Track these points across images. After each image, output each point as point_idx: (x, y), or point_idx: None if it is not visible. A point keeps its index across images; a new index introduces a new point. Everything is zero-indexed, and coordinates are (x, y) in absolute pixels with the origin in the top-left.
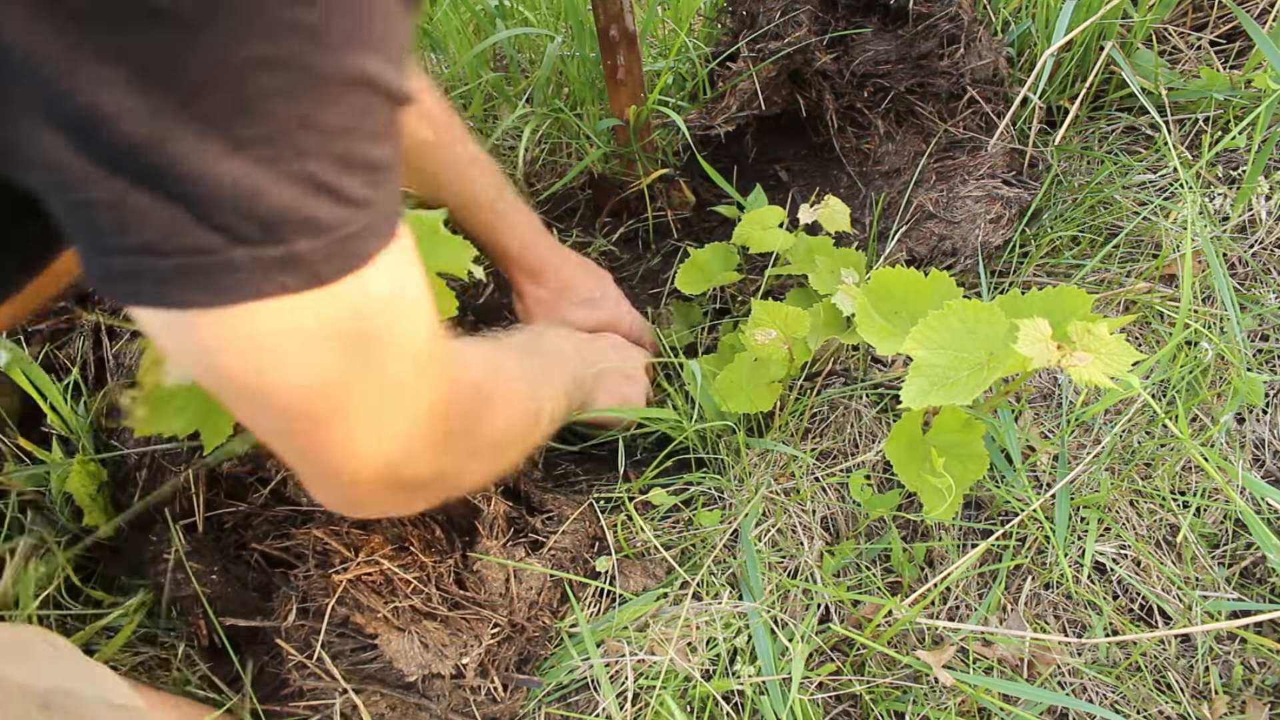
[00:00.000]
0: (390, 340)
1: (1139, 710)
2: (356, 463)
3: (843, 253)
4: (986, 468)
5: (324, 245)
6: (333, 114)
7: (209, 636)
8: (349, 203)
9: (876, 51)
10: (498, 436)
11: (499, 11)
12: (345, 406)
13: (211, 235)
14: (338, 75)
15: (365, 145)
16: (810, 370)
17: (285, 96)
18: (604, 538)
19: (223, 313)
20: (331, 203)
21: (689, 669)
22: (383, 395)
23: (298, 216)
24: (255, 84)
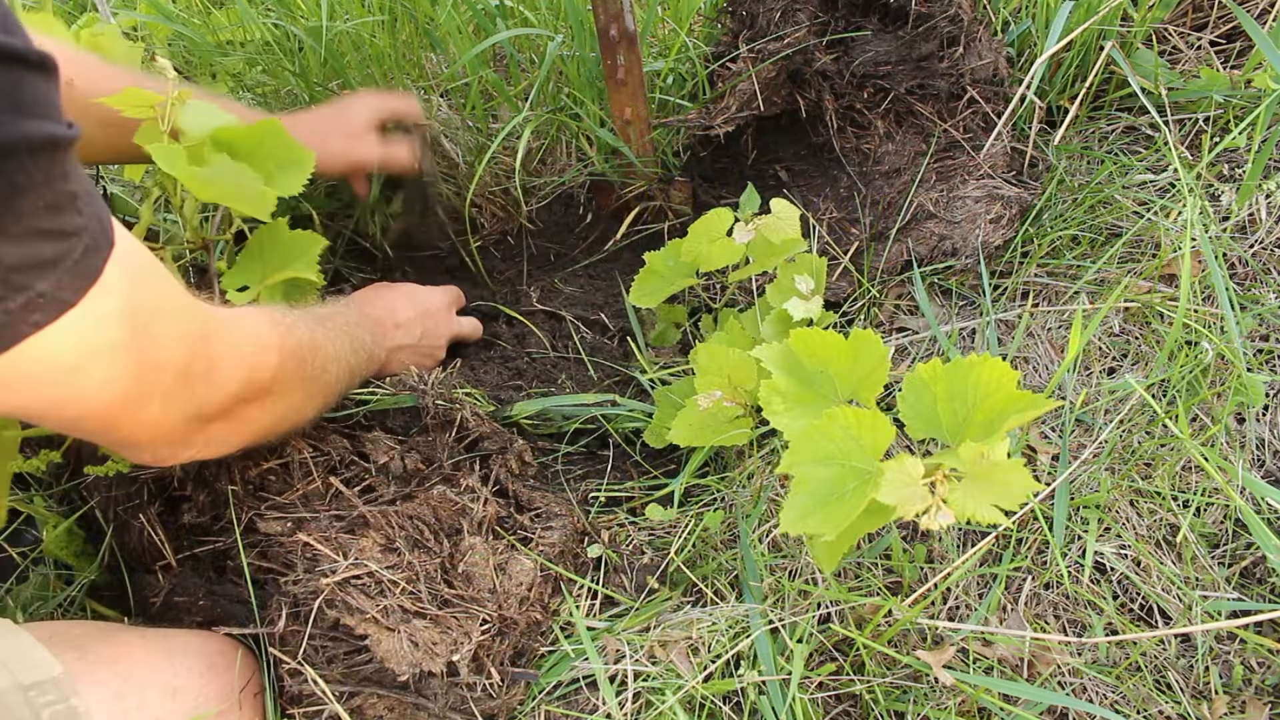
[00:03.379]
0: (144, 326)
1: (1139, 710)
2: (152, 437)
3: (803, 259)
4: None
5: (58, 277)
6: (25, 176)
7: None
8: (67, 235)
9: (876, 52)
10: (289, 387)
11: (499, 11)
12: (129, 402)
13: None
14: (18, 144)
15: (61, 185)
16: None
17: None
18: (592, 533)
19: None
20: (53, 241)
21: (690, 669)
22: (160, 378)
23: (32, 264)
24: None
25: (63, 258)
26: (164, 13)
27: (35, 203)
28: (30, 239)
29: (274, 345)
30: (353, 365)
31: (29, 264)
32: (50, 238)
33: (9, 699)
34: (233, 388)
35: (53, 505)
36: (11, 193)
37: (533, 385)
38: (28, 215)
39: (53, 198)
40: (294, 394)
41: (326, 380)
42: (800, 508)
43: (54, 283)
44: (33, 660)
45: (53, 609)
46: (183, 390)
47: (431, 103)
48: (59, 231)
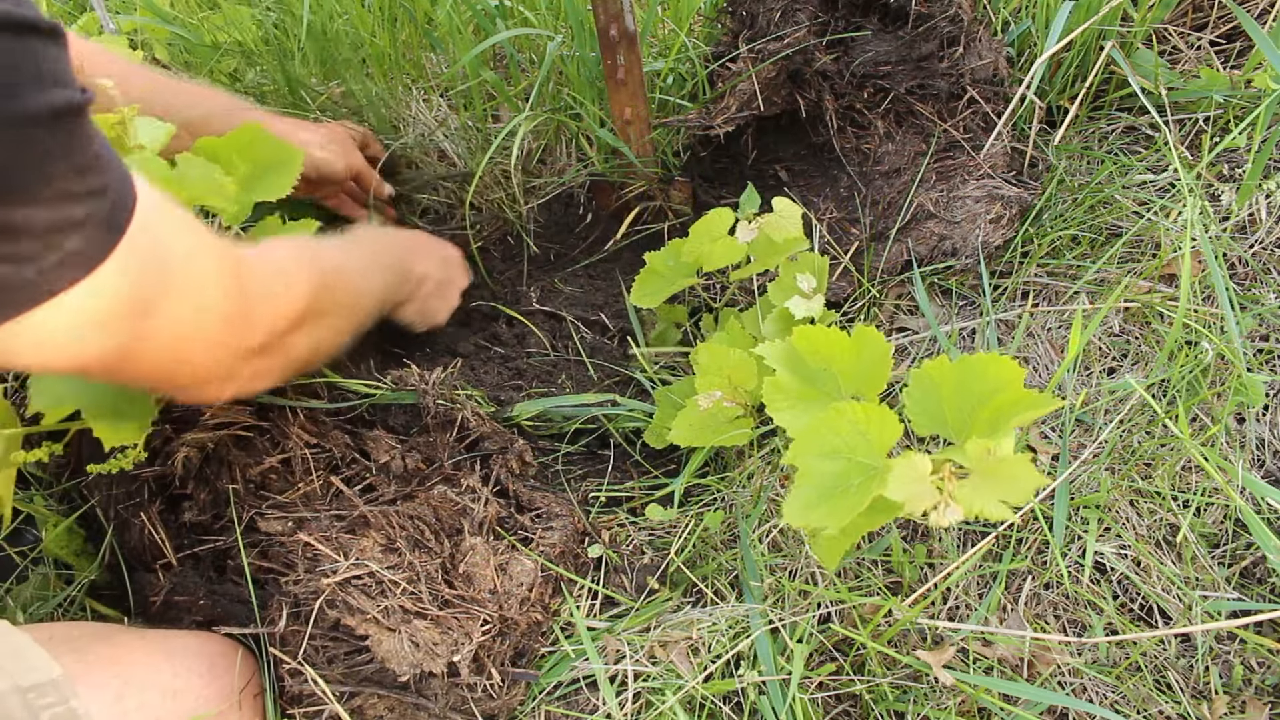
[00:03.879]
0: (176, 273)
1: (1139, 710)
2: (199, 377)
3: (805, 257)
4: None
5: (88, 234)
6: (49, 141)
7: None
8: (94, 195)
9: (876, 52)
10: (328, 310)
11: (499, 11)
12: (171, 347)
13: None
14: (44, 113)
15: (85, 149)
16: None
17: (13, 148)
18: (593, 534)
19: (27, 318)
20: (82, 202)
21: (690, 670)
22: (198, 320)
23: (64, 224)
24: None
25: (91, 216)
26: (161, 15)
27: (63, 167)
28: (61, 202)
29: (303, 276)
30: (382, 288)
31: (61, 225)
32: (79, 199)
33: (8, 701)
34: (269, 321)
35: (53, 504)
36: (42, 160)
37: (533, 385)
38: (57, 179)
39: (79, 161)
40: (328, 318)
41: (358, 303)
42: (804, 500)
43: (84, 240)
44: (31, 662)
45: (53, 609)
46: (222, 329)
47: (431, 102)
48: (86, 192)
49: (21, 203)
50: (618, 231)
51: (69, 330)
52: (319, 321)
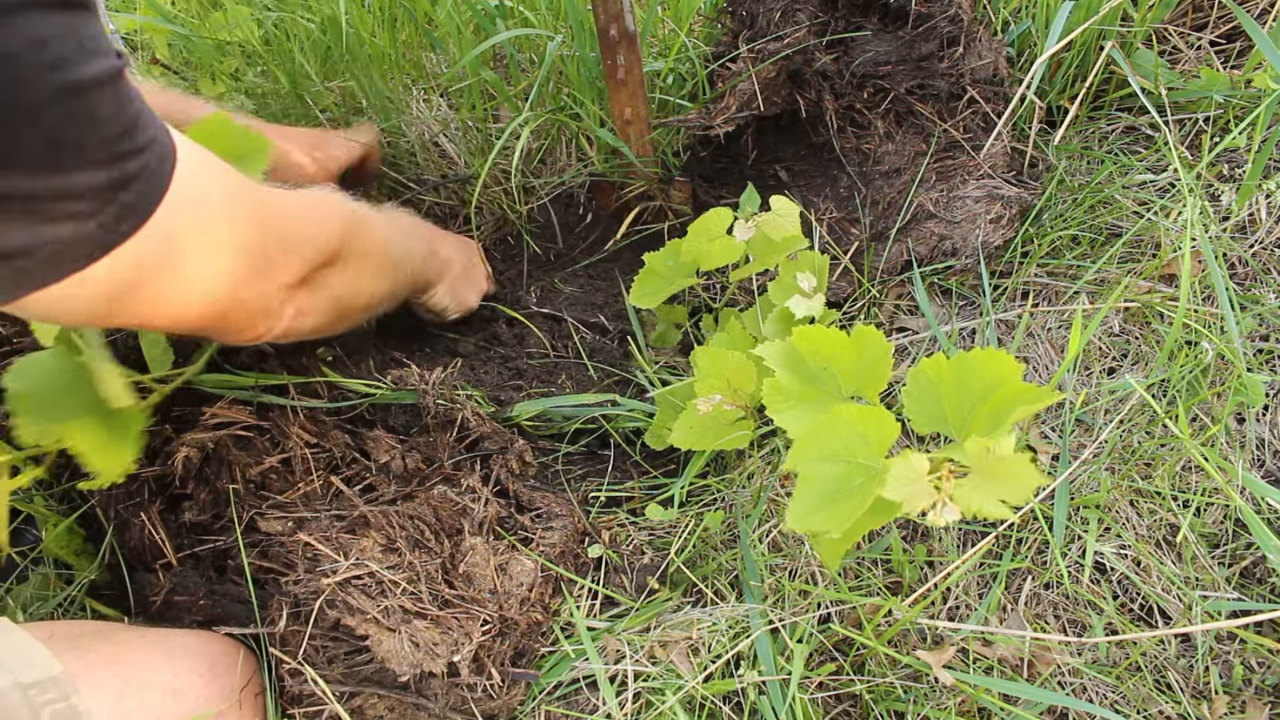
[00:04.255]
0: (219, 213)
1: (1139, 710)
2: (250, 314)
3: (805, 256)
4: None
5: (139, 187)
6: (102, 107)
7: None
8: (141, 150)
9: (876, 52)
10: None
11: (499, 11)
12: (224, 284)
13: (62, 226)
14: (92, 82)
15: (129, 110)
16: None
17: (68, 118)
18: (593, 534)
19: (92, 270)
20: (133, 159)
21: (690, 670)
22: (243, 256)
23: (118, 181)
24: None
25: (141, 171)
26: (162, 14)
27: (115, 129)
28: (115, 162)
29: (334, 213)
30: (413, 255)
31: (116, 182)
32: (129, 157)
33: (8, 698)
34: (307, 253)
35: (53, 504)
36: (97, 125)
37: (533, 385)
38: (111, 141)
39: (126, 122)
40: (361, 261)
41: (390, 253)
42: (806, 505)
43: (136, 193)
44: (32, 659)
45: (53, 608)
46: (265, 263)
47: (431, 102)
48: (135, 150)
49: (83, 167)
50: (618, 231)
51: (132, 284)
52: (355, 262)
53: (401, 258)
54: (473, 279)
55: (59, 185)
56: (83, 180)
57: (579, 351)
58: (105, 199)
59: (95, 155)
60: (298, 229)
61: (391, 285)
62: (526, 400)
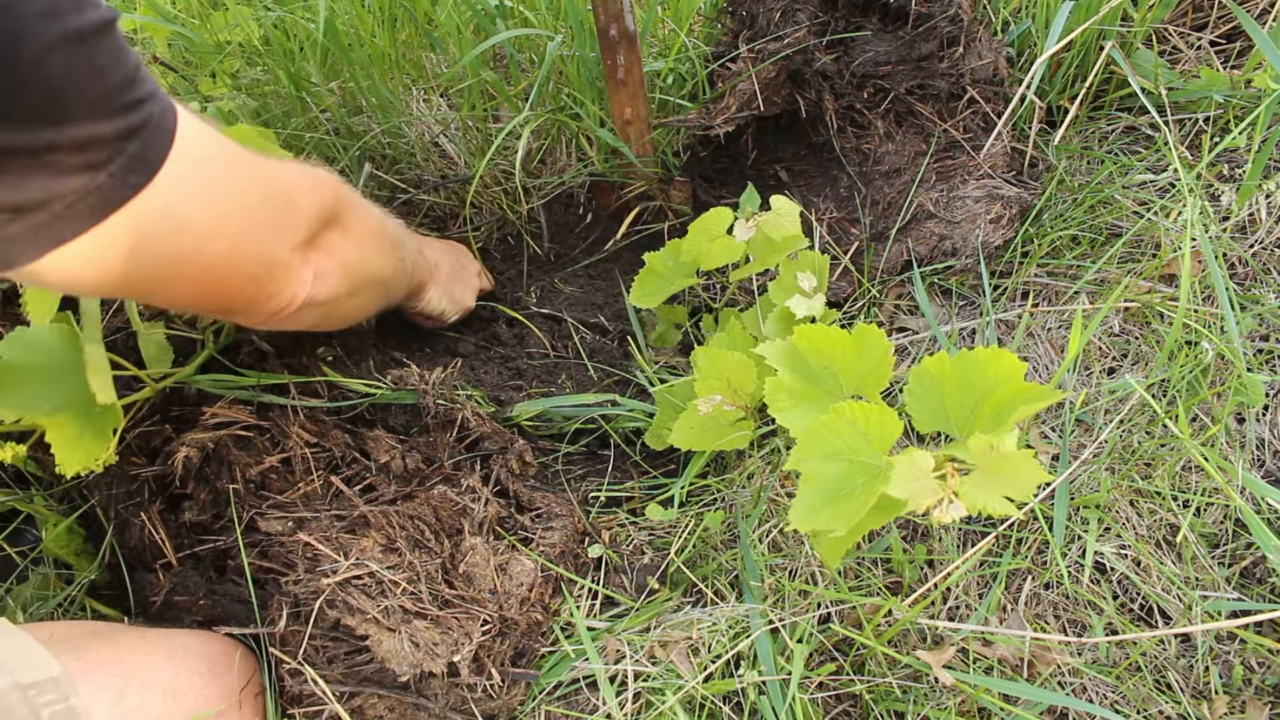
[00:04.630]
0: (225, 170)
1: (1139, 710)
2: (270, 273)
3: (805, 256)
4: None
5: (144, 139)
6: (100, 55)
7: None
8: (144, 102)
9: (876, 52)
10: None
11: (499, 11)
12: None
13: (74, 178)
14: (89, 30)
15: (126, 60)
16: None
17: (68, 67)
18: (593, 534)
19: (107, 225)
20: (136, 110)
21: (690, 670)
22: (256, 211)
23: (124, 132)
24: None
25: (146, 122)
26: (162, 14)
27: (117, 78)
28: (119, 112)
29: (326, 179)
30: (405, 247)
31: (122, 132)
32: (133, 108)
33: (8, 699)
34: (312, 209)
35: (53, 504)
36: (100, 73)
37: (533, 385)
38: (113, 92)
39: (126, 72)
40: (361, 229)
41: (386, 232)
42: (809, 504)
43: (143, 144)
44: (32, 660)
45: (53, 608)
46: (274, 219)
47: (431, 103)
48: (137, 101)
49: (87, 117)
50: (618, 231)
51: (150, 240)
52: (355, 228)
53: (397, 239)
54: (464, 279)
55: (64, 136)
56: (87, 130)
57: (579, 351)
58: (113, 149)
59: (99, 105)
60: (296, 188)
61: (392, 265)
62: (526, 400)
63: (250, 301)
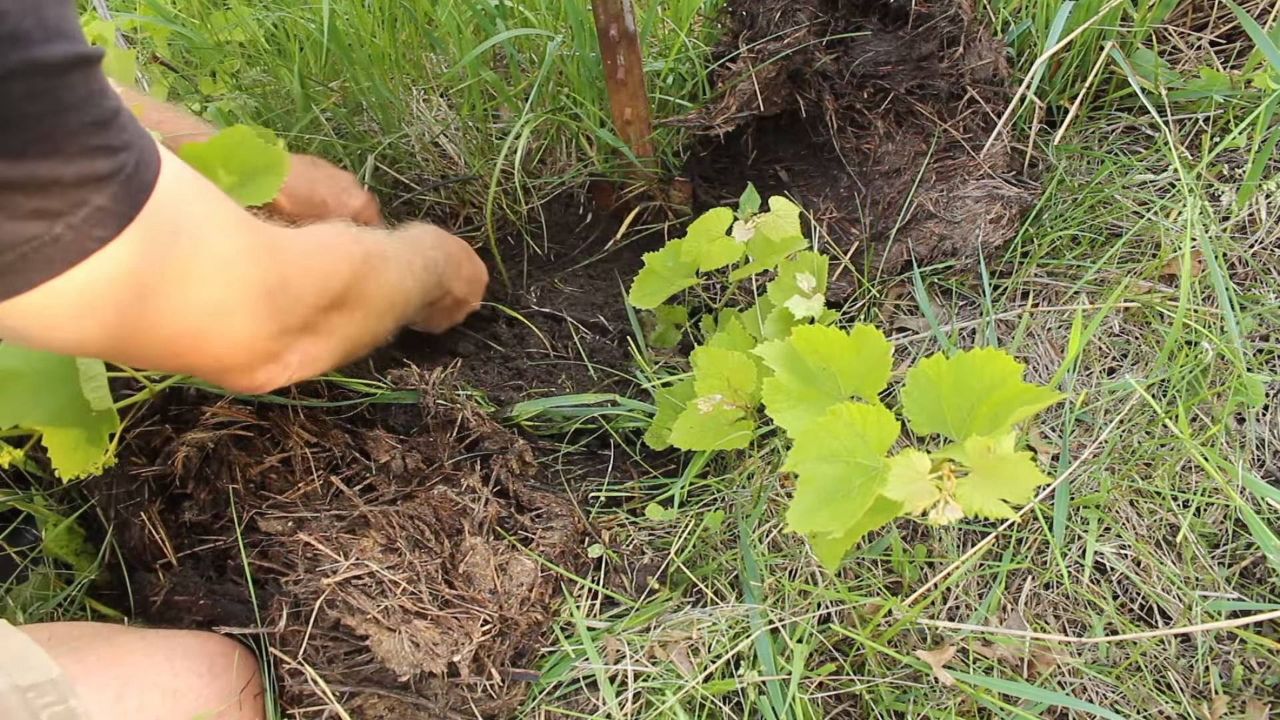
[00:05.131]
0: (210, 240)
1: (1139, 710)
2: (246, 358)
3: (804, 256)
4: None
5: (114, 191)
6: (67, 92)
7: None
8: (117, 150)
9: (876, 52)
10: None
11: (499, 11)
12: (212, 317)
13: (29, 224)
14: (57, 63)
15: (101, 102)
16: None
17: (30, 98)
18: (593, 534)
19: (63, 280)
20: (105, 157)
21: (690, 670)
22: (237, 291)
23: (88, 178)
24: (10, 102)
25: (116, 172)
26: (162, 13)
27: (83, 119)
28: (85, 155)
29: (344, 253)
30: (424, 280)
31: (85, 179)
32: (101, 153)
33: (7, 700)
34: (310, 298)
35: (53, 504)
36: (59, 110)
37: (533, 385)
38: (80, 133)
39: (96, 114)
40: (372, 301)
41: (402, 288)
42: (807, 505)
43: (110, 197)
44: (30, 662)
45: (53, 608)
46: (263, 303)
47: (431, 103)
48: (108, 147)
49: (46, 154)
50: (618, 231)
51: (108, 301)
52: (364, 304)
53: (410, 294)
54: (452, 314)
55: (20, 174)
56: (44, 170)
57: (579, 351)
58: (74, 198)
59: (61, 145)
60: (302, 271)
61: (401, 317)
62: (526, 400)
63: (218, 375)
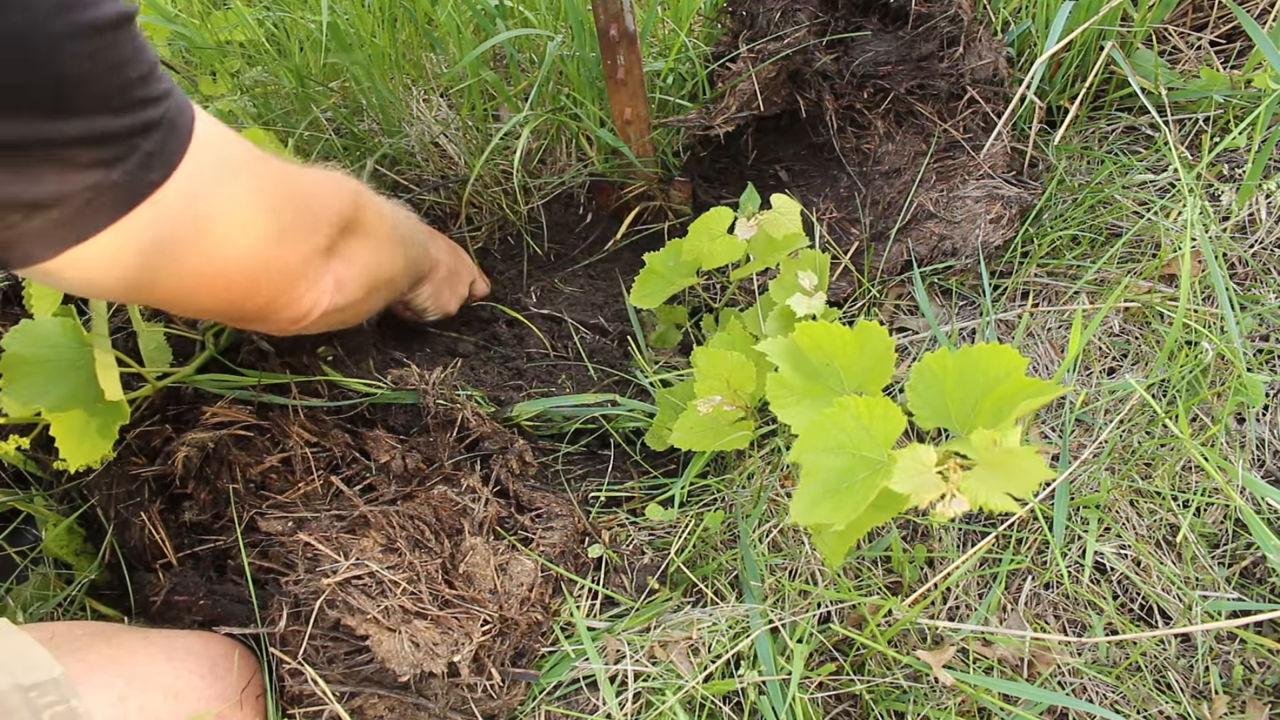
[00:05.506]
0: (245, 173)
1: (1139, 710)
2: (290, 281)
3: (805, 254)
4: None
5: (161, 136)
6: (115, 50)
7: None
8: (160, 99)
9: (876, 52)
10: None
11: (499, 11)
12: (260, 245)
13: (89, 174)
14: (104, 23)
15: (144, 56)
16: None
17: (87, 59)
18: (593, 534)
19: (125, 223)
20: (151, 107)
21: (690, 670)
22: (274, 216)
23: (140, 127)
24: (67, 64)
25: (161, 119)
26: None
27: (133, 73)
28: (134, 107)
29: (345, 184)
30: (414, 242)
31: (137, 128)
32: (148, 104)
33: (9, 700)
34: (328, 215)
35: (53, 504)
36: (116, 67)
37: (533, 385)
38: (127, 86)
39: (142, 68)
40: (375, 228)
41: (398, 230)
42: (810, 497)
43: (159, 141)
44: (32, 661)
45: (53, 608)
46: (294, 225)
47: (431, 103)
48: (153, 97)
49: (101, 110)
50: (618, 231)
51: (156, 238)
52: (372, 231)
53: (407, 237)
54: (454, 285)
55: (78, 129)
56: (99, 125)
57: (579, 352)
58: (128, 146)
59: (113, 99)
60: (317, 194)
61: (404, 263)
62: (526, 400)
63: (268, 307)
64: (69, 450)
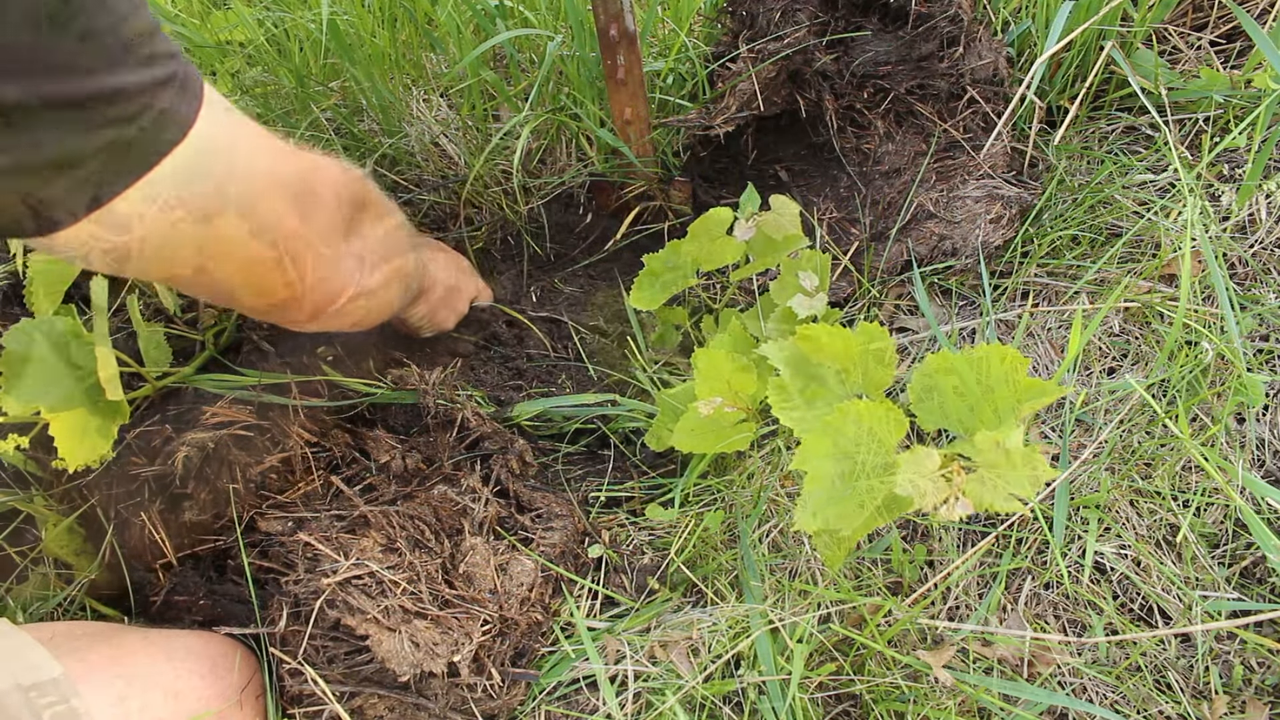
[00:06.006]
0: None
1: (1139, 710)
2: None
3: (806, 255)
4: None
5: (173, 94)
6: (124, 3)
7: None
8: (166, 58)
9: (876, 52)
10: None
11: (499, 11)
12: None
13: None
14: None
15: (145, 14)
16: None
17: (97, 13)
18: (593, 534)
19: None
20: (160, 65)
21: (690, 670)
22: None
23: (150, 84)
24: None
25: (173, 77)
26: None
27: (139, 28)
28: (143, 64)
29: (350, 166)
30: (413, 262)
31: (149, 85)
32: (156, 61)
33: (9, 700)
34: (344, 193)
35: (53, 504)
36: (121, 22)
37: (533, 385)
38: (138, 43)
39: (144, 25)
40: (386, 215)
41: (403, 224)
42: (815, 503)
43: (172, 99)
44: (32, 661)
45: (53, 608)
46: (310, 201)
47: (431, 103)
48: (161, 55)
49: (114, 66)
50: (618, 231)
51: (179, 196)
52: (381, 214)
53: (411, 234)
54: (453, 303)
55: (96, 86)
56: (116, 81)
57: (579, 352)
58: (142, 103)
59: (124, 56)
60: (327, 171)
61: (412, 261)
62: (526, 400)
63: (292, 288)
64: (68, 450)
